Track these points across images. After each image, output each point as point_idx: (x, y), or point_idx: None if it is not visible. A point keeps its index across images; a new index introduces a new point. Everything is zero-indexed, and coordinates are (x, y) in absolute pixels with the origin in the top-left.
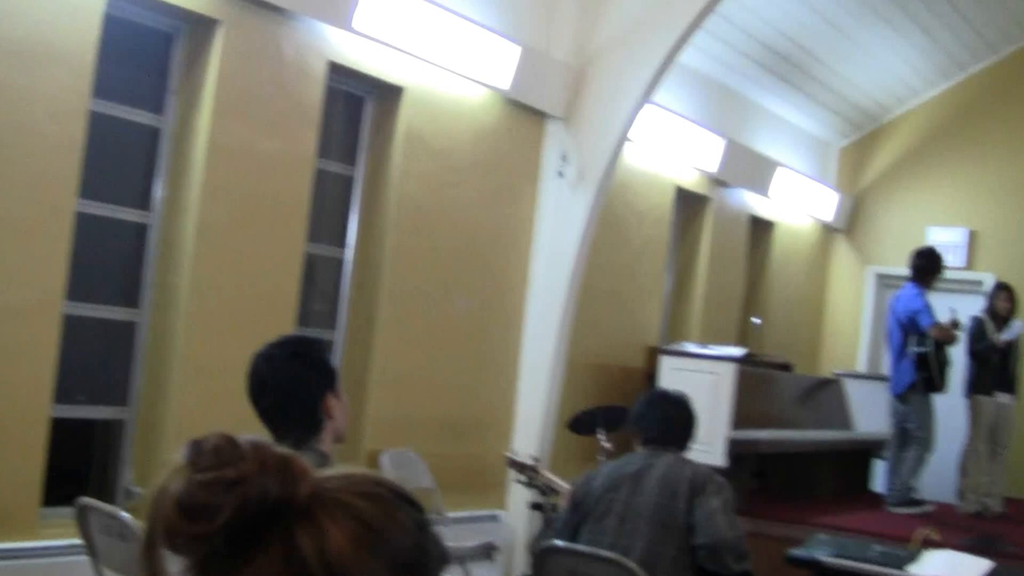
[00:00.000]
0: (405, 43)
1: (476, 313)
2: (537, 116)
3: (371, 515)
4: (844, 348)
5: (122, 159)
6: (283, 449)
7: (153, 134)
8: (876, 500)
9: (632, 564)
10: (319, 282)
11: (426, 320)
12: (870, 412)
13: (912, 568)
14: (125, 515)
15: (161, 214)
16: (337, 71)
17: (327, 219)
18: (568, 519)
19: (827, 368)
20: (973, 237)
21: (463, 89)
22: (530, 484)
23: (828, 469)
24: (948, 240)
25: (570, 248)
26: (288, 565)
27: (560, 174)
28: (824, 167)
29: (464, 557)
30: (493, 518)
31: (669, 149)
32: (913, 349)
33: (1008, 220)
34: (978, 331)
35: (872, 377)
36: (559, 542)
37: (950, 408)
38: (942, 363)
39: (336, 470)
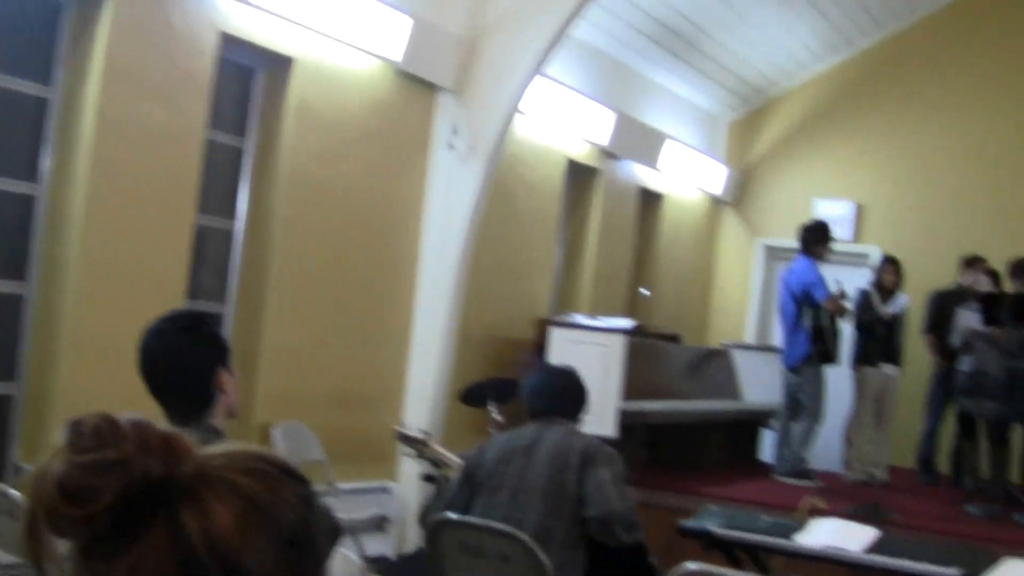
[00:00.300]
0: (296, 14)
1: (367, 285)
2: (429, 88)
3: (256, 492)
4: (732, 319)
5: (8, 130)
6: (166, 427)
7: (40, 105)
8: (764, 470)
9: (525, 536)
10: (209, 255)
11: (317, 293)
12: (758, 382)
13: (799, 538)
14: (14, 492)
15: (48, 186)
16: (228, 42)
17: (217, 191)
18: (459, 492)
19: (716, 339)
20: (860, 210)
21: (354, 61)
22: (420, 457)
23: (717, 439)
24: (836, 213)
25: (461, 220)
26: (173, 545)
27: (451, 146)
28: (713, 140)
29: (356, 529)
30: (385, 490)
31: (560, 122)
32: (808, 322)
33: (894, 194)
34: (865, 303)
35: (760, 348)
36: (452, 515)
37: (837, 379)
38: (834, 334)
39: (220, 447)
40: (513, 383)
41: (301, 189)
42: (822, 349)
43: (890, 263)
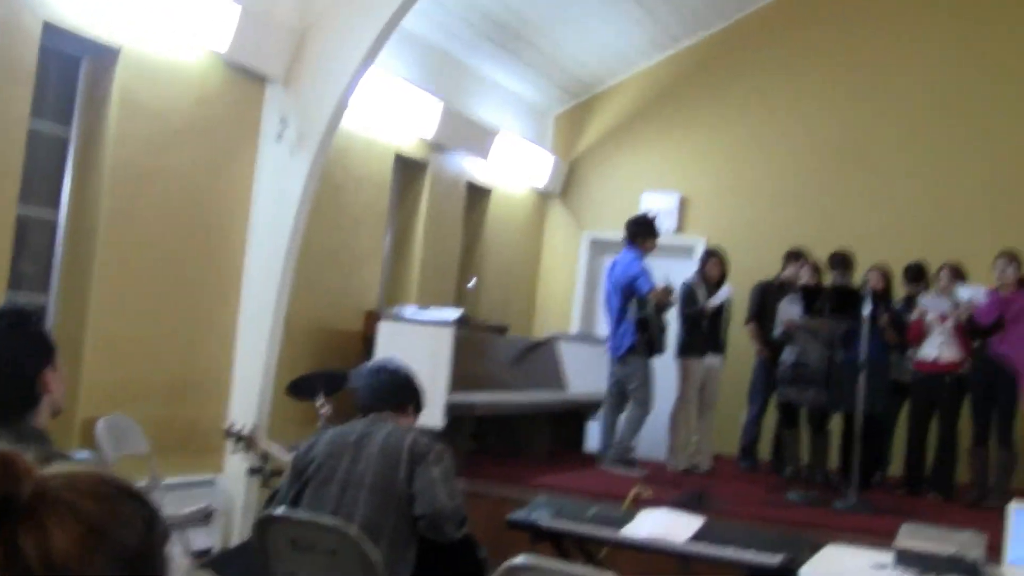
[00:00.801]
0: (122, 2)
1: (194, 277)
2: (257, 79)
3: (96, 515)
4: (558, 311)
5: None
6: (5, 448)
7: None
8: (590, 459)
9: (354, 530)
10: (31, 245)
11: (143, 284)
12: (583, 373)
13: (626, 528)
14: None
15: None
16: (51, 31)
17: (40, 180)
18: (289, 486)
19: (542, 330)
20: (685, 202)
21: (181, 51)
22: (247, 452)
23: (544, 429)
24: (661, 205)
25: (289, 212)
26: (10, 565)
27: (280, 138)
28: (541, 134)
29: (182, 522)
30: (210, 483)
31: (389, 114)
32: (634, 312)
33: (718, 186)
34: (689, 296)
35: (585, 339)
36: (279, 510)
37: (662, 369)
38: (660, 326)
39: (61, 468)
40: (342, 375)
41: (127, 180)
42: (647, 340)
43: (713, 255)
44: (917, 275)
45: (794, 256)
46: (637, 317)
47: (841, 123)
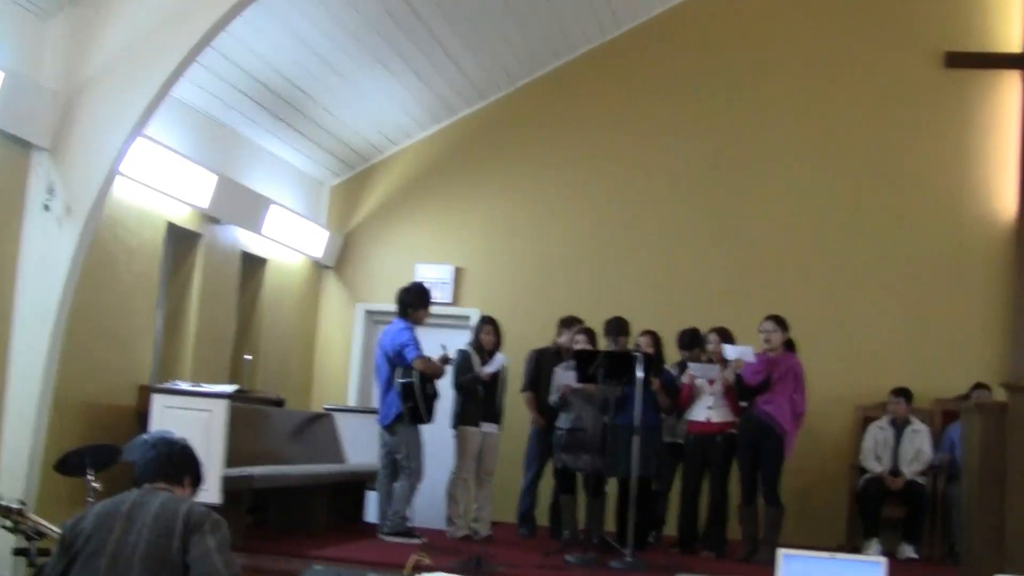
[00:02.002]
0: None
1: None
2: (22, 146)
3: None
4: (335, 383)
5: None
6: None
7: None
8: (371, 530)
9: None
10: None
11: None
12: (361, 445)
13: None
14: None
15: None
16: None
17: None
18: (57, 562)
19: (319, 403)
20: (459, 273)
21: None
22: (15, 529)
23: (323, 501)
24: (436, 277)
25: (57, 284)
26: None
27: (46, 207)
28: (316, 205)
29: None
30: None
31: (160, 184)
32: (399, 380)
33: (492, 257)
34: (464, 364)
35: (362, 411)
36: None
37: (439, 439)
38: (428, 395)
39: None
40: (113, 449)
41: None
42: (412, 407)
43: (488, 323)
44: (692, 341)
45: (568, 322)
46: (402, 384)
47: (611, 192)
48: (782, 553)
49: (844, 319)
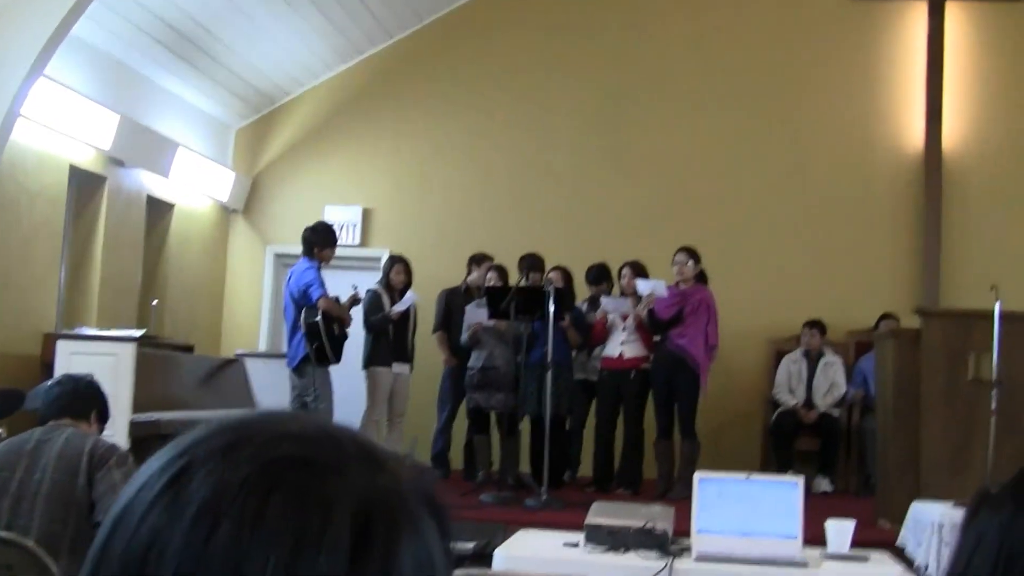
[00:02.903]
0: None
1: None
2: None
3: None
4: (245, 328)
5: None
6: None
7: None
8: None
9: (29, 543)
10: None
11: None
12: (273, 390)
13: None
14: None
15: None
16: None
17: None
18: None
19: (229, 349)
20: (368, 214)
21: None
22: None
23: None
24: (345, 218)
25: None
26: None
27: None
28: (223, 148)
29: None
30: None
31: (62, 126)
32: (305, 321)
33: (401, 197)
34: (374, 304)
35: (273, 356)
36: None
37: (350, 380)
38: (336, 335)
39: None
40: (17, 394)
41: None
42: (318, 348)
43: (398, 262)
44: (599, 276)
45: (477, 260)
46: (307, 324)
47: (519, 130)
48: (698, 476)
49: (755, 252)
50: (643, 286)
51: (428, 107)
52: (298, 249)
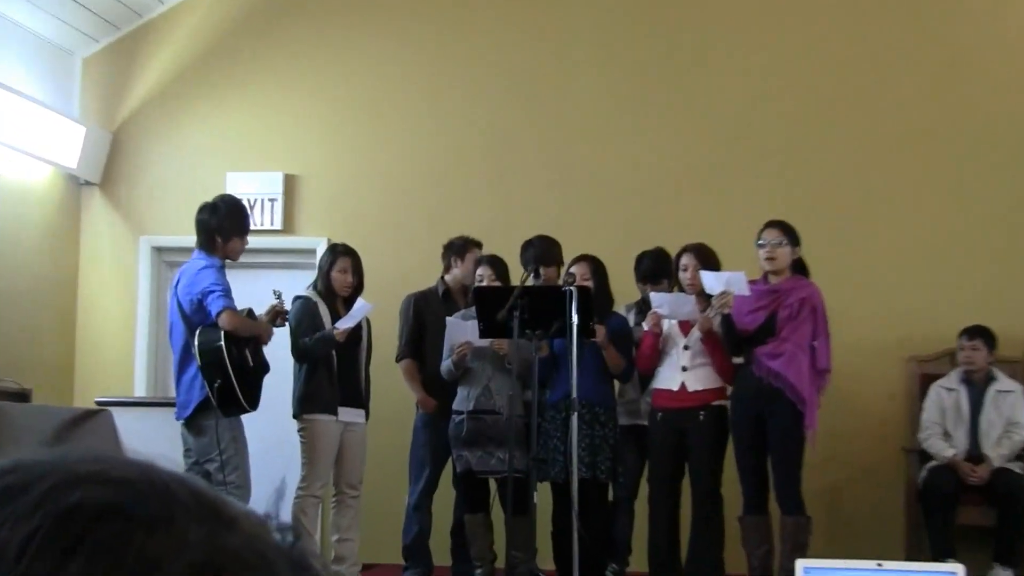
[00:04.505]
0: None
1: None
2: None
3: None
4: (111, 363)
5: None
6: None
7: None
8: None
9: None
10: None
11: None
12: (158, 451)
13: None
14: None
15: None
16: None
17: None
18: None
19: (86, 394)
20: (292, 185)
21: None
22: None
23: None
24: (257, 190)
25: None
26: None
27: None
28: (64, 88)
29: None
30: None
31: None
32: (201, 346)
33: (339, 158)
34: (307, 318)
35: (154, 403)
36: None
37: (275, 435)
38: (249, 367)
39: None
40: None
41: None
42: (223, 388)
43: (342, 255)
44: (656, 269)
45: (459, 248)
46: (205, 353)
47: (518, 53)
48: (802, 567)
49: (882, 229)
50: (713, 280)
51: (376, 23)
52: (188, 240)
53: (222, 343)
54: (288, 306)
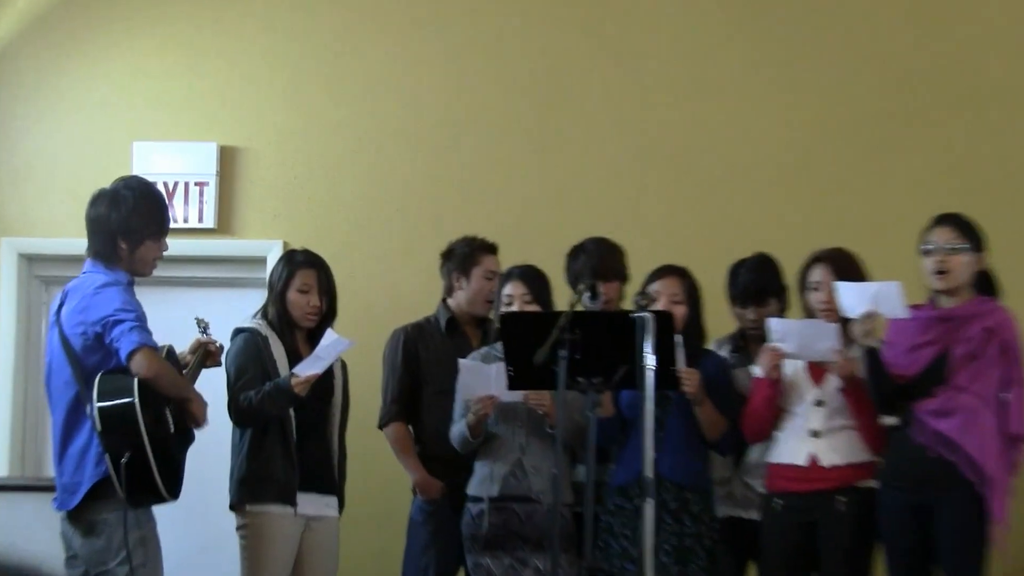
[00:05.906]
0: None
1: None
2: None
3: None
4: None
5: None
6: None
7: None
8: None
9: None
10: None
11: None
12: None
13: None
14: None
15: None
16: None
17: None
18: None
19: None
20: (229, 159)
21: None
22: None
23: None
24: (178, 169)
25: None
26: None
27: None
28: None
29: None
30: None
31: None
32: (98, 404)
33: (296, 125)
34: (254, 358)
35: (23, 487)
36: None
37: (207, 534)
38: (168, 435)
39: None
40: None
41: None
42: (131, 465)
43: (305, 267)
44: (763, 285)
45: (469, 259)
46: (104, 413)
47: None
48: None
49: None
50: (853, 295)
51: None
52: (74, 244)
53: (135, 398)
54: (223, 342)
